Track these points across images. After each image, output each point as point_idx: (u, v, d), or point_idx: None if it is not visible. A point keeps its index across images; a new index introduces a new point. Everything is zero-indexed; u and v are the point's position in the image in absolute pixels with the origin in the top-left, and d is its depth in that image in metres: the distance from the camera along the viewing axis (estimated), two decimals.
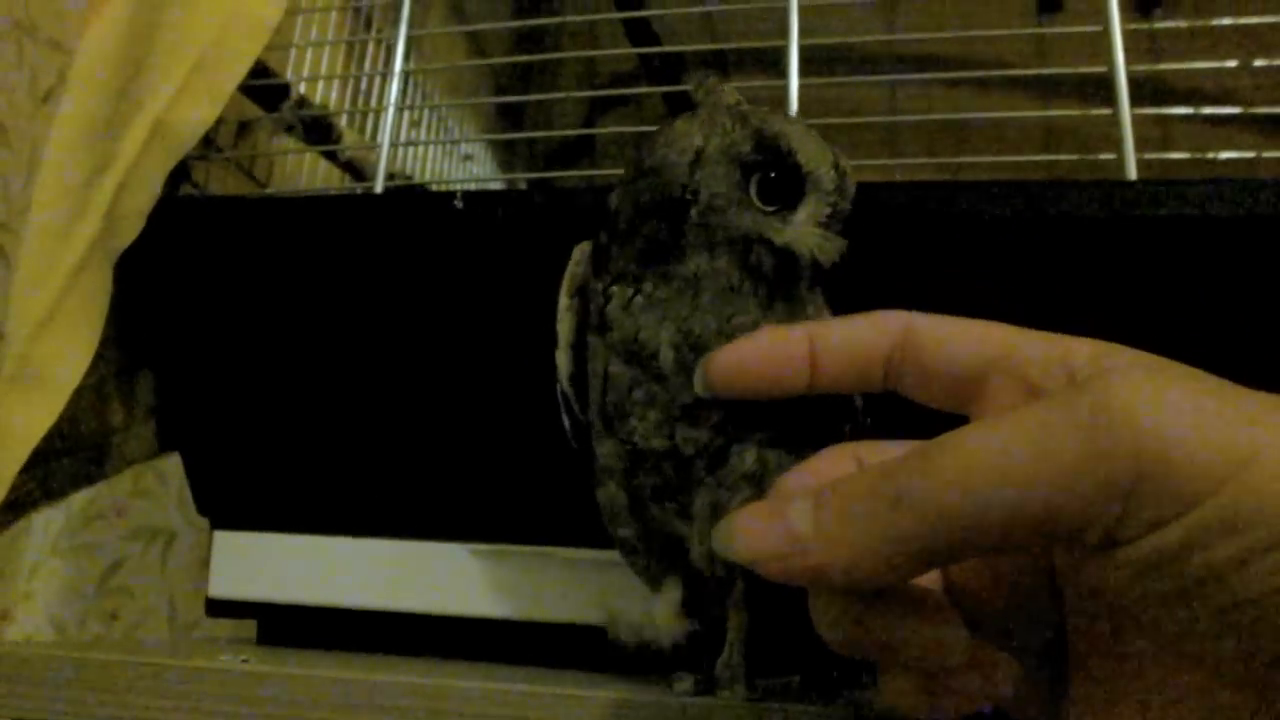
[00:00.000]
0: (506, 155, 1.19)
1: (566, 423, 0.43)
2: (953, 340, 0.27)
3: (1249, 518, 0.17)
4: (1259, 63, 0.51)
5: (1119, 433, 0.18)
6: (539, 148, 1.24)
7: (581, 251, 0.42)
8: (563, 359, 0.42)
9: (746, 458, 0.37)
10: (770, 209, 0.36)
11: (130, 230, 0.53)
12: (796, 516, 0.22)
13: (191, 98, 0.55)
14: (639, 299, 0.37)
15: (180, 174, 0.60)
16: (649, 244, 0.37)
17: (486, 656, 0.54)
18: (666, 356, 0.36)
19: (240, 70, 0.57)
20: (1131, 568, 0.19)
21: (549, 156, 1.24)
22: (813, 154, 0.36)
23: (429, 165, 0.95)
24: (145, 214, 0.53)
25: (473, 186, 1.04)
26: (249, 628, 0.63)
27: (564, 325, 0.41)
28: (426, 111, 0.94)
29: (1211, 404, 0.18)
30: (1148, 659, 0.23)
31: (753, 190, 0.36)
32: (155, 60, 0.54)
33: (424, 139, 0.88)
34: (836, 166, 0.36)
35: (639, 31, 1.11)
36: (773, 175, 0.36)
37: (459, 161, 1.04)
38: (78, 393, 0.55)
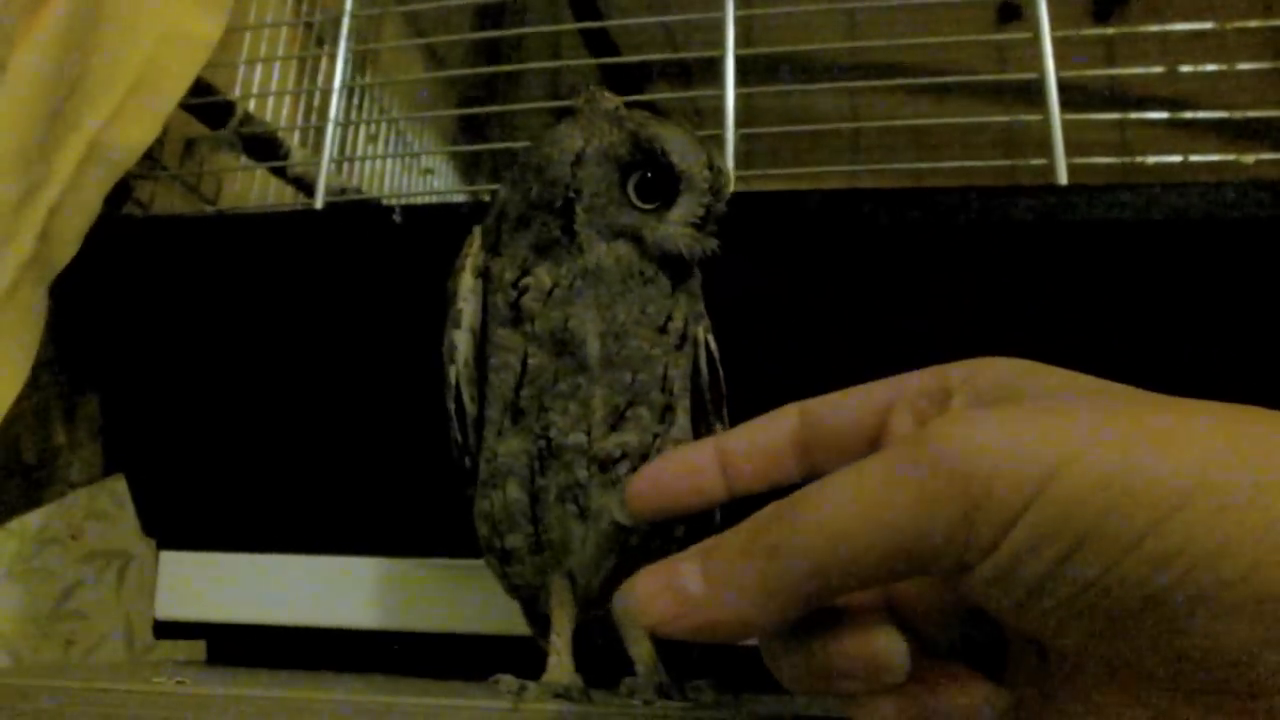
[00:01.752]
0: (469, 168, 1.19)
1: (453, 417, 0.42)
2: (844, 403, 0.29)
3: (1056, 526, 0.19)
4: (1185, 68, 0.52)
5: (947, 471, 0.20)
6: (502, 159, 1.24)
7: (478, 236, 0.42)
8: (464, 340, 0.41)
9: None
10: (648, 207, 0.38)
11: (66, 251, 0.53)
12: (686, 577, 0.24)
13: (129, 118, 0.55)
14: (558, 290, 0.38)
15: (123, 192, 0.60)
16: (542, 238, 0.38)
17: (438, 671, 0.54)
18: (593, 347, 0.37)
19: (179, 89, 0.57)
20: (984, 584, 0.21)
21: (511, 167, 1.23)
22: (687, 155, 0.38)
23: (387, 180, 0.95)
24: (82, 235, 0.53)
25: (433, 200, 1.04)
26: (203, 648, 0.62)
27: (468, 306, 0.41)
28: (385, 125, 0.94)
29: (1026, 427, 0.20)
30: (1049, 666, 0.24)
31: (630, 189, 0.38)
32: (90, 80, 0.53)
33: (371, 154, 0.87)
34: (711, 167, 0.38)
35: (598, 42, 1.11)
36: (649, 176, 0.38)
37: (419, 175, 1.04)
38: (18, 416, 0.54)
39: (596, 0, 1.07)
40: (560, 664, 0.40)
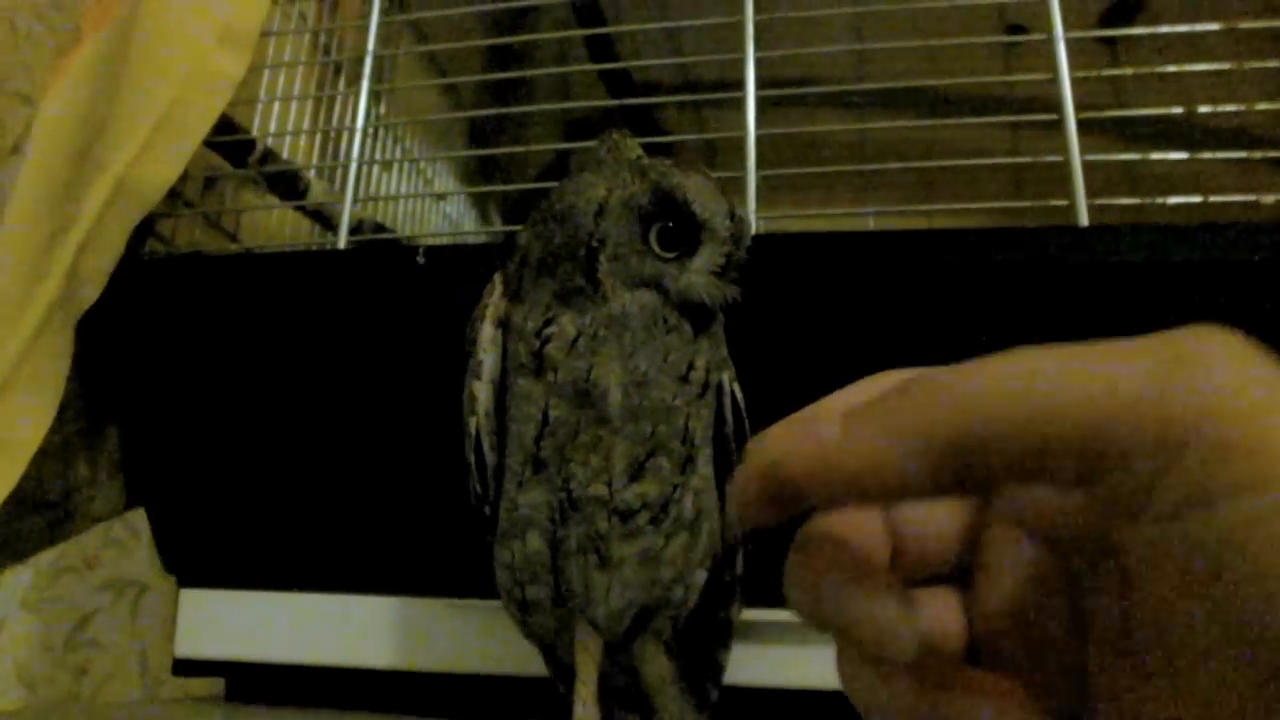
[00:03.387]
0: (481, 196, 1.20)
1: (473, 468, 0.42)
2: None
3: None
4: (1204, 109, 0.52)
5: (1191, 384, 0.17)
6: (513, 190, 1.24)
7: (498, 283, 0.42)
8: (484, 391, 0.41)
9: (686, 505, 0.39)
10: (670, 256, 0.38)
11: (92, 290, 0.53)
12: (825, 427, 0.21)
13: (154, 156, 0.55)
14: (583, 340, 0.38)
15: (146, 229, 0.60)
16: (565, 286, 0.39)
17: (457, 712, 0.53)
18: (614, 397, 0.37)
19: (203, 127, 0.57)
20: (1155, 543, 0.18)
21: (521, 197, 1.24)
22: (709, 205, 0.38)
23: (401, 209, 0.96)
24: (107, 274, 0.53)
25: (447, 234, 1.04)
26: (221, 684, 0.62)
27: (488, 357, 0.41)
28: (402, 161, 0.94)
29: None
30: (1162, 669, 0.20)
31: (653, 239, 0.38)
32: (117, 120, 0.54)
33: (391, 192, 0.88)
34: (732, 217, 0.39)
35: (612, 75, 1.12)
36: (671, 225, 0.38)
37: (433, 203, 1.05)
38: (42, 451, 0.54)
39: (610, 34, 1.08)
40: (586, 710, 0.40)
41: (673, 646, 0.42)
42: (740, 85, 0.59)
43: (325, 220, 0.76)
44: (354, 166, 0.58)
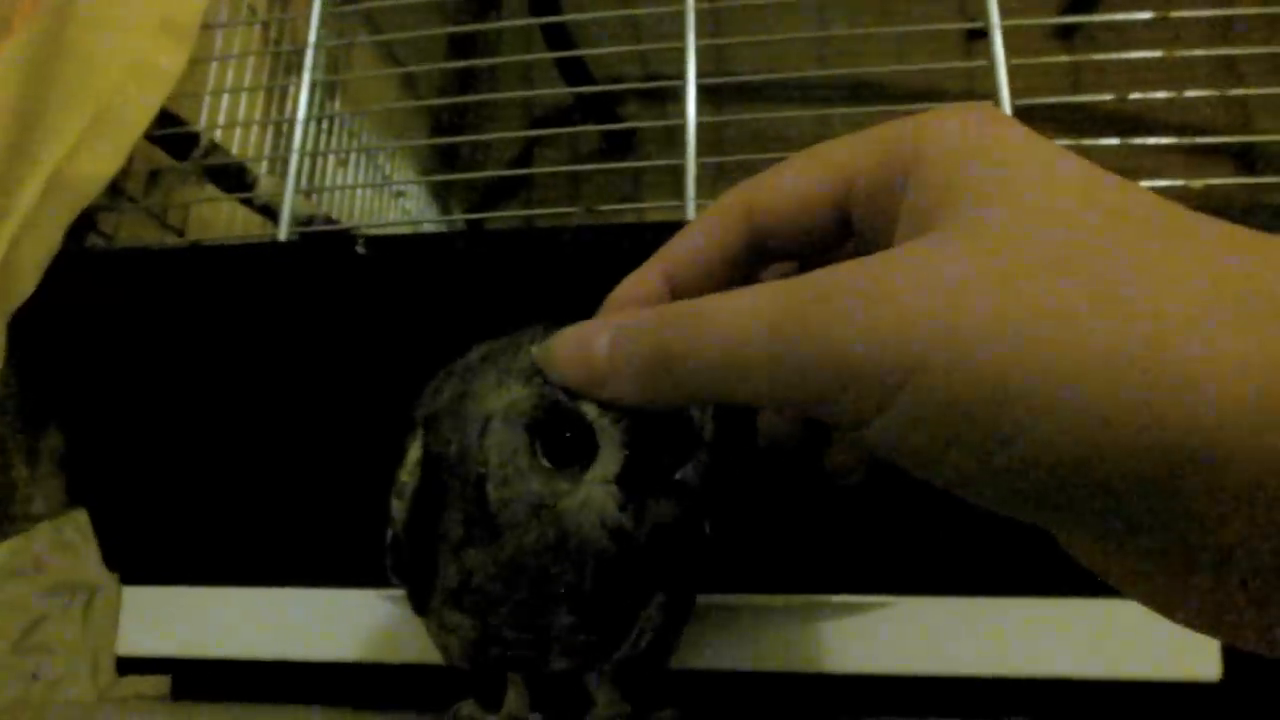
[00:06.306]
0: (442, 191, 1.20)
1: (389, 567, 0.38)
2: (789, 202, 0.26)
3: (928, 416, 0.19)
4: (1135, 95, 0.53)
5: (817, 350, 0.21)
6: (477, 182, 1.24)
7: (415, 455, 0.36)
8: (401, 511, 0.35)
9: (632, 635, 0.36)
10: (560, 469, 0.31)
11: (26, 285, 0.52)
12: (598, 350, 0.27)
13: (91, 150, 0.54)
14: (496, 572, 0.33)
15: (86, 224, 0.60)
16: (463, 512, 0.33)
17: (406, 704, 0.53)
18: (561, 622, 0.35)
19: (142, 121, 0.56)
20: (876, 446, 0.21)
21: (486, 191, 1.24)
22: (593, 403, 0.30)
23: (358, 206, 0.95)
24: (42, 268, 0.53)
25: (406, 224, 1.04)
26: (168, 682, 0.61)
27: (412, 479, 0.35)
28: (356, 152, 0.94)
29: (892, 312, 0.20)
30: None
31: (538, 451, 0.31)
32: (51, 114, 0.53)
33: (340, 181, 0.87)
34: (626, 413, 0.30)
35: (571, 67, 1.12)
36: (561, 434, 0.31)
37: (391, 200, 1.04)
38: None
39: (567, 26, 1.08)
40: (518, 696, 0.40)
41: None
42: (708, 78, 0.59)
43: (275, 215, 0.75)
44: (294, 157, 0.57)
